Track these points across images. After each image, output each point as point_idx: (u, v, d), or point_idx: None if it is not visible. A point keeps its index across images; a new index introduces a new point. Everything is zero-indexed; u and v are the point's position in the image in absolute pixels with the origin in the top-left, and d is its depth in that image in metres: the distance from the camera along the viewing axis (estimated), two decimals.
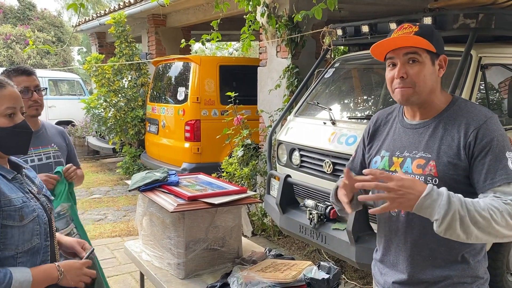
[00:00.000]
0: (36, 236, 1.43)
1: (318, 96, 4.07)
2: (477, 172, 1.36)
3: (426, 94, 1.44)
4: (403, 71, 1.41)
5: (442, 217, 1.22)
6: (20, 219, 1.38)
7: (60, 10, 24.82)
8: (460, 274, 1.44)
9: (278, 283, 1.84)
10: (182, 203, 2.06)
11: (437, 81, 1.46)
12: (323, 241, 3.30)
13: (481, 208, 1.24)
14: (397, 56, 1.42)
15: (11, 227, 1.36)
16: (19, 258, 1.39)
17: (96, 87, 7.50)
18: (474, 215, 1.23)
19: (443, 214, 1.22)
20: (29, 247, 1.41)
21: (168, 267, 2.17)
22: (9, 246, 1.36)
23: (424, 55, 1.41)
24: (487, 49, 3.27)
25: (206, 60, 6.12)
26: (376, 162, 1.58)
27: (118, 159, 8.39)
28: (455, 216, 1.22)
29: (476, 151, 1.36)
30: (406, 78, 1.41)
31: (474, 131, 1.38)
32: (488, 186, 1.34)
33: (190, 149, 5.85)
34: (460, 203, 1.24)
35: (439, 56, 1.45)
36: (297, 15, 3.88)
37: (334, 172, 3.35)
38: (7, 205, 1.36)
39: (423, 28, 1.43)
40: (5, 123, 1.41)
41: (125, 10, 7.51)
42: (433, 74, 1.44)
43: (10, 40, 16.37)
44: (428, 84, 1.43)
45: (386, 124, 1.62)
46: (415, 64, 1.41)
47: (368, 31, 3.66)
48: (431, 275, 1.46)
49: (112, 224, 5.34)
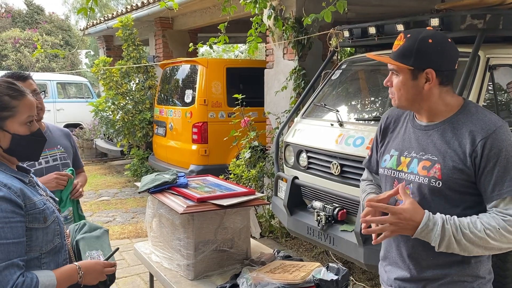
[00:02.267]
0: (57, 236, 1.48)
1: (325, 97, 4.07)
2: (485, 182, 1.38)
3: (407, 104, 1.51)
4: (388, 80, 1.53)
5: (438, 244, 1.37)
6: (44, 220, 1.42)
7: (68, 13, 25.03)
8: (460, 273, 1.46)
9: (287, 284, 1.85)
10: (191, 204, 2.07)
11: (422, 93, 1.47)
12: (331, 243, 3.30)
13: (478, 230, 1.34)
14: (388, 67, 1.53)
15: (36, 229, 1.40)
16: (43, 258, 1.42)
17: (104, 90, 7.56)
18: (470, 237, 1.34)
19: (438, 241, 1.36)
20: (51, 247, 1.45)
21: (178, 268, 2.19)
22: (34, 248, 1.39)
23: (402, 70, 1.47)
24: (495, 49, 3.26)
25: (213, 63, 6.15)
26: (385, 161, 1.61)
27: (126, 162, 8.44)
28: (451, 240, 1.35)
29: (483, 161, 1.38)
30: (391, 87, 1.53)
31: (482, 140, 1.38)
32: (495, 197, 1.37)
33: (197, 151, 5.88)
34: (455, 228, 1.35)
35: (424, 70, 1.44)
36: (307, 18, 3.88)
37: (342, 174, 3.35)
38: (33, 208, 1.40)
39: (409, 42, 1.44)
40: (24, 131, 1.44)
41: (132, 14, 7.57)
42: (413, 88, 1.47)
43: (18, 44, 16.53)
44: (405, 95, 1.49)
45: (397, 122, 1.65)
46: (396, 76, 1.50)
47: (375, 32, 3.66)
48: (431, 272, 1.49)
49: (120, 226, 5.38)
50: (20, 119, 1.42)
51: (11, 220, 1.32)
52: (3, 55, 16.43)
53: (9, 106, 1.40)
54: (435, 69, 1.43)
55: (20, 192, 1.37)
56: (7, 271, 1.28)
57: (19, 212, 1.35)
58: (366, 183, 1.80)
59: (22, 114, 1.43)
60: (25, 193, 1.40)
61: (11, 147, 1.42)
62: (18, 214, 1.34)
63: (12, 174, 1.42)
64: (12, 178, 1.40)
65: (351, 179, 3.27)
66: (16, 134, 1.42)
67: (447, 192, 1.42)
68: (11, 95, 1.41)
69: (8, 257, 1.29)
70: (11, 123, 1.41)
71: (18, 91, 1.44)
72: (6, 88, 1.42)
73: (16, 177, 1.43)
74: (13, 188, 1.36)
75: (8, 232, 1.30)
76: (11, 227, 1.31)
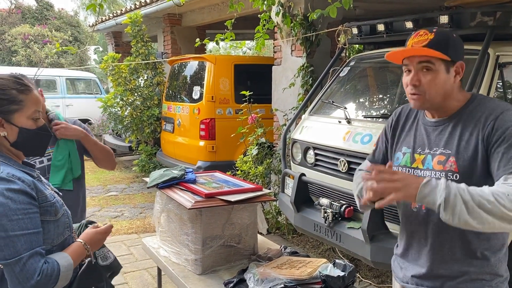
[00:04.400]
0: (67, 229, 1.52)
1: (333, 94, 4.07)
2: (493, 161, 1.38)
3: (438, 101, 1.47)
4: (416, 79, 1.45)
5: (444, 201, 1.25)
6: (55, 213, 1.46)
7: (77, 9, 25.16)
8: (479, 270, 1.46)
9: (294, 280, 1.86)
10: (199, 200, 2.09)
11: (451, 87, 1.47)
12: (337, 240, 3.31)
13: (485, 193, 1.26)
14: (412, 63, 1.45)
15: (48, 222, 1.44)
16: (54, 251, 1.46)
17: (112, 86, 7.60)
18: (478, 199, 1.24)
19: (444, 196, 1.25)
20: (61, 239, 1.49)
21: (186, 263, 2.21)
22: (46, 240, 1.43)
23: (438, 63, 1.42)
24: (505, 47, 3.23)
25: (221, 59, 6.16)
26: (398, 159, 1.61)
27: (134, 157, 8.49)
28: (458, 199, 1.24)
29: (492, 141, 1.38)
30: (418, 86, 1.45)
31: (491, 122, 1.39)
32: (501, 173, 1.34)
33: (205, 147, 5.91)
34: (461, 188, 1.27)
35: (455, 63, 1.45)
36: (312, 14, 3.88)
37: (349, 171, 3.35)
38: (44, 201, 1.43)
39: (439, 36, 1.43)
40: (31, 125, 1.47)
41: (141, 10, 7.60)
42: (446, 82, 1.45)
43: (28, 40, 16.66)
44: (440, 91, 1.45)
45: (407, 120, 1.65)
46: (428, 72, 1.43)
47: (384, 29, 3.65)
48: (450, 270, 1.48)
49: (128, 221, 5.42)
50: (27, 113, 1.45)
51: (29, 211, 1.36)
52: (13, 51, 16.57)
53: (17, 100, 1.43)
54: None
55: (33, 185, 1.41)
56: (32, 260, 1.33)
57: (34, 203, 1.39)
58: (364, 172, 1.71)
59: (29, 108, 1.46)
60: (37, 186, 1.43)
61: (18, 140, 1.45)
62: (34, 206, 1.38)
63: (20, 168, 1.45)
64: (21, 172, 1.43)
65: None
66: (23, 128, 1.44)
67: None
68: (19, 89, 1.44)
69: (31, 246, 1.34)
70: (18, 116, 1.44)
71: (25, 85, 1.47)
72: (14, 82, 1.45)
73: (25, 171, 1.45)
74: (27, 181, 1.39)
75: (28, 222, 1.35)
76: (30, 218, 1.36)
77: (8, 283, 1.35)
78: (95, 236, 1.57)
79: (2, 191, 1.33)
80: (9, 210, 1.32)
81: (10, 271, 1.33)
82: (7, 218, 1.32)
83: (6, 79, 1.43)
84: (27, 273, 1.32)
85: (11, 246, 1.32)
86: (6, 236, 1.32)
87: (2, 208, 1.31)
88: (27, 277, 1.32)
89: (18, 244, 1.32)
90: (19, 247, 1.32)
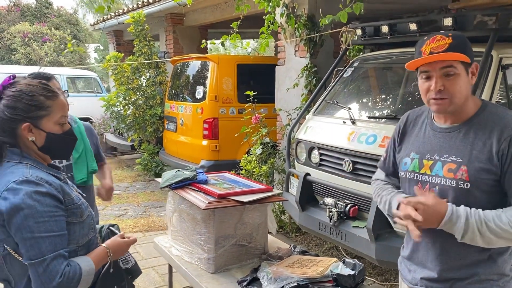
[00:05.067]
0: (92, 230, 1.56)
1: (337, 95, 4.11)
2: (510, 179, 1.41)
3: (461, 103, 1.49)
4: (441, 84, 1.46)
5: (461, 237, 1.41)
6: (80, 215, 1.51)
7: (76, 7, 25.10)
8: (487, 271, 1.50)
9: (306, 278, 1.92)
10: (212, 200, 2.15)
11: (470, 89, 1.51)
12: (343, 239, 3.36)
13: (502, 223, 1.38)
14: (433, 69, 1.47)
15: (74, 224, 1.48)
16: (79, 251, 1.51)
17: (115, 85, 7.64)
18: (494, 229, 1.38)
19: (461, 234, 1.40)
20: (86, 240, 1.54)
21: (198, 262, 2.27)
22: (71, 241, 1.47)
23: (459, 66, 1.45)
24: (507, 49, 3.28)
25: (224, 59, 6.20)
26: (406, 164, 1.63)
27: (136, 156, 8.53)
28: (475, 233, 1.39)
29: (509, 157, 1.41)
30: (443, 90, 1.46)
31: (508, 137, 1.42)
32: None
33: (208, 147, 5.95)
34: (480, 222, 1.38)
35: (471, 64, 1.49)
36: (324, 19, 3.93)
37: (354, 171, 3.41)
38: (71, 203, 1.48)
39: (457, 39, 1.46)
40: (58, 130, 1.52)
41: (144, 10, 7.63)
42: (467, 84, 1.49)
43: (27, 38, 16.64)
44: (463, 94, 1.48)
45: (415, 125, 1.67)
46: (451, 76, 1.45)
47: (388, 31, 3.70)
48: (459, 273, 1.52)
49: (132, 219, 5.47)
50: (54, 118, 1.50)
51: (55, 214, 1.40)
52: (12, 49, 16.54)
53: (45, 106, 1.48)
54: None
55: (60, 188, 1.45)
56: (55, 261, 1.37)
57: (61, 206, 1.43)
58: (383, 182, 1.80)
59: (56, 113, 1.50)
60: (64, 189, 1.48)
61: (45, 145, 1.50)
62: (60, 209, 1.43)
63: (48, 171, 1.50)
64: (49, 176, 1.48)
65: (364, 176, 3.32)
66: (50, 133, 1.49)
67: (476, 193, 1.45)
68: (46, 95, 1.49)
69: (55, 248, 1.39)
70: (46, 122, 1.48)
71: (52, 91, 1.51)
72: (41, 88, 1.49)
73: (52, 174, 1.50)
74: (54, 185, 1.44)
75: (53, 225, 1.39)
76: (55, 221, 1.40)
77: (32, 283, 1.40)
78: (121, 246, 1.62)
79: (30, 194, 1.37)
80: (36, 212, 1.36)
81: (34, 271, 1.37)
82: (34, 220, 1.36)
83: (34, 85, 1.48)
84: (49, 274, 1.36)
85: (36, 247, 1.36)
86: (32, 237, 1.36)
87: (29, 210, 1.36)
88: (50, 278, 1.36)
89: (42, 245, 1.37)
90: (43, 249, 1.37)
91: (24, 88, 1.46)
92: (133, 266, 1.74)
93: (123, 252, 1.66)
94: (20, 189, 1.37)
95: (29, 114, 1.45)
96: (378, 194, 1.77)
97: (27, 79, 1.59)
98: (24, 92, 1.45)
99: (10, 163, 1.46)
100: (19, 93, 1.45)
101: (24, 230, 1.35)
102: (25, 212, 1.35)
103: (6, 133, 1.46)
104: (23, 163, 1.46)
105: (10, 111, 1.44)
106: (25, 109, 1.44)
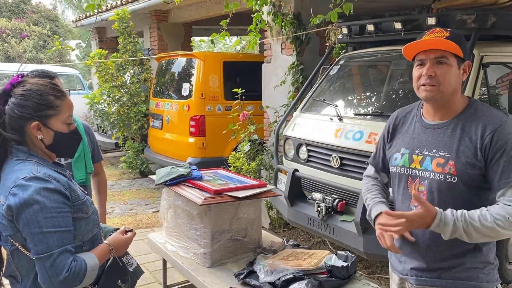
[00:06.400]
0: (96, 226, 1.60)
1: (324, 92, 4.19)
2: (493, 172, 1.50)
3: (449, 94, 1.57)
4: (432, 70, 1.55)
5: (448, 238, 1.49)
6: (86, 211, 1.54)
7: (55, 3, 24.64)
8: (473, 260, 1.59)
9: (302, 270, 1.99)
10: (208, 196, 2.19)
11: (460, 84, 1.59)
12: (331, 233, 3.44)
13: (488, 222, 1.45)
14: (427, 57, 1.56)
15: (79, 220, 1.52)
16: (84, 246, 1.55)
17: (99, 83, 7.57)
18: (480, 229, 1.45)
19: (448, 236, 1.48)
20: (91, 236, 1.58)
21: (194, 257, 2.31)
22: (77, 237, 1.51)
23: (452, 58, 1.55)
24: (488, 48, 3.41)
25: (210, 56, 6.22)
26: (396, 159, 1.70)
27: (120, 154, 8.47)
28: (462, 234, 1.47)
29: (491, 153, 1.50)
30: (433, 77, 1.55)
31: (490, 134, 1.51)
32: (502, 185, 1.49)
33: (195, 144, 5.97)
34: (466, 224, 1.46)
35: (464, 61, 1.59)
36: (315, 19, 4.00)
37: (342, 167, 3.49)
38: (77, 199, 1.52)
39: (454, 34, 1.56)
40: (65, 129, 1.55)
41: (128, 6, 7.57)
42: (457, 77, 1.58)
43: (5, 34, 16.27)
44: (452, 85, 1.56)
45: (404, 122, 1.75)
46: (443, 65, 1.55)
47: (373, 30, 3.79)
48: (447, 262, 1.61)
49: (120, 217, 5.46)
50: (62, 118, 1.54)
51: (62, 210, 1.43)
52: None
53: (54, 105, 1.51)
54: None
55: (67, 184, 1.48)
56: (62, 256, 1.41)
57: (68, 203, 1.47)
58: (372, 182, 1.87)
59: (64, 113, 1.54)
60: (71, 185, 1.51)
61: (53, 143, 1.53)
62: (67, 205, 1.46)
63: (54, 168, 1.53)
64: (56, 173, 1.50)
65: (351, 172, 3.41)
66: (58, 132, 1.53)
67: (461, 187, 1.53)
68: (56, 95, 1.52)
69: (62, 243, 1.42)
70: (54, 121, 1.52)
71: (61, 91, 1.55)
72: (51, 88, 1.52)
73: (58, 171, 1.53)
74: (61, 181, 1.47)
75: (61, 221, 1.42)
76: (63, 217, 1.43)
77: (39, 277, 1.43)
78: (122, 242, 1.67)
79: (39, 190, 1.40)
80: (45, 208, 1.40)
81: (41, 266, 1.41)
82: (42, 215, 1.39)
83: (44, 85, 1.51)
84: (56, 269, 1.40)
85: (44, 242, 1.40)
86: (40, 232, 1.39)
87: (38, 206, 1.39)
88: (56, 273, 1.39)
89: (50, 240, 1.40)
90: (51, 243, 1.40)
91: (34, 87, 1.49)
92: (135, 268, 1.78)
93: (124, 248, 1.69)
94: (29, 185, 1.40)
95: (39, 113, 1.48)
96: (364, 194, 1.86)
97: (35, 78, 1.61)
98: (34, 91, 1.48)
99: (17, 161, 1.48)
100: (29, 92, 1.48)
101: (33, 225, 1.39)
102: (34, 207, 1.38)
103: (15, 131, 1.48)
104: (30, 160, 1.48)
105: (20, 109, 1.46)
106: (35, 107, 1.47)
